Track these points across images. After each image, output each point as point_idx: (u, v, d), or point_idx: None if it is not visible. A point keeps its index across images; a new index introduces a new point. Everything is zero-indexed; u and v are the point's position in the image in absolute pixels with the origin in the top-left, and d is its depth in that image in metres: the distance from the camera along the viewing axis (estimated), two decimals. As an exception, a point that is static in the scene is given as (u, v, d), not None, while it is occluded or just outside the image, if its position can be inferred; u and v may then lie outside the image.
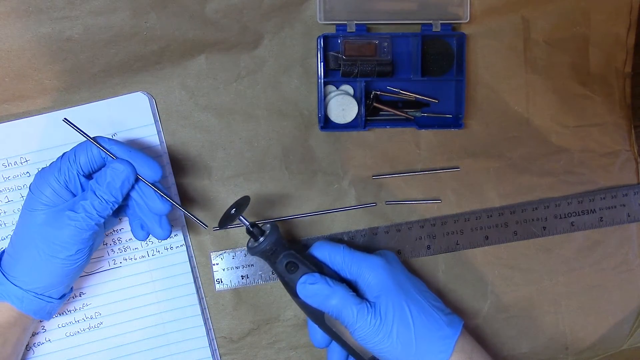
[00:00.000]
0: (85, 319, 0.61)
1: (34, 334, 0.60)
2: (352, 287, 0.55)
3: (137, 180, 0.52)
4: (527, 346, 0.67)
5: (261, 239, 0.55)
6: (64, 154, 0.52)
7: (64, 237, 0.50)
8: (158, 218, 0.53)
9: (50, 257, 0.50)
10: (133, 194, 0.53)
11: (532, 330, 0.67)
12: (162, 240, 0.58)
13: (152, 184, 0.52)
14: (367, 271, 0.55)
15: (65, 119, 0.52)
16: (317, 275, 0.54)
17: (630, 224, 0.67)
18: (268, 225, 0.56)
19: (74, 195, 0.51)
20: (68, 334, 0.61)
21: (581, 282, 0.67)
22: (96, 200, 0.50)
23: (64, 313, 0.61)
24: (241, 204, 0.55)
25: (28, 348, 0.60)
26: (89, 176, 0.52)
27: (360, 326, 0.53)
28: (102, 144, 0.51)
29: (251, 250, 0.56)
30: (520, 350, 0.67)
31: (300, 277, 0.54)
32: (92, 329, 0.61)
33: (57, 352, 0.61)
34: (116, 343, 0.61)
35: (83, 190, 0.52)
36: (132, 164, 0.51)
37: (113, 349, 0.61)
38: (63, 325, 0.61)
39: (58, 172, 0.51)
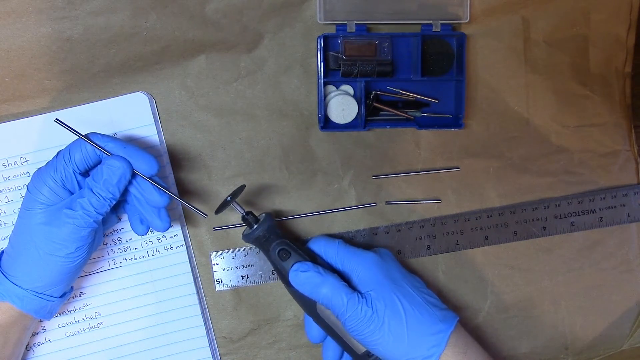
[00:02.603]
0: (85, 319, 0.61)
1: (34, 334, 0.60)
2: (345, 280, 0.56)
3: (134, 175, 0.52)
4: (527, 346, 0.67)
5: (255, 226, 0.56)
6: (59, 152, 0.52)
7: (63, 235, 0.50)
8: (157, 211, 0.54)
9: (49, 256, 0.50)
10: (131, 189, 0.53)
11: (532, 330, 0.67)
12: (162, 232, 0.58)
13: (150, 178, 0.52)
14: (360, 265, 0.56)
15: (56, 119, 0.52)
16: (309, 263, 0.55)
17: (630, 224, 0.67)
18: (263, 214, 0.57)
19: (72, 194, 0.51)
20: (68, 334, 0.61)
21: (581, 282, 0.67)
22: (93, 197, 0.50)
23: (64, 313, 0.61)
24: (236, 192, 0.56)
25: (28, 348, 0.60)
26: (85, 173, 0.52)
27: (351, 316, 0.53)
28: (97, 141, 0.51)
29: (246, 238, 0.57)
30: (520, 350, 0.67)
31: (293, 265, 0.55)
32: (92, 329, 0.61)
33: (57, 352, 0.61)
34: (116, 343, 0.61)
35: (80, 188, 0.52)
36: (127, 160, 0.51)
37: (113, 349, 0.61)
38: (63, 325, 0.61)
39: (54, 171, 0.51)
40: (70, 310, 0.61)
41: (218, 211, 0.55)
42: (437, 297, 0.57)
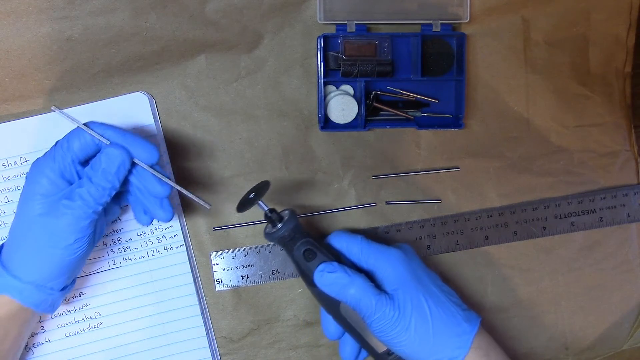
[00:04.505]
0: (85, 319, 0.61)
1: (33, 334, 0.60)
2: (369, 278, 0.54)
3: (134, 164, 0.51)
4: (527, 346, 0.67)
5: (279, 225, 0.54)
6: (57, 142, 0.51)
7: (62, 227, 0.49)
8: (159, 201, 0.52)
9: (49, 248, 0.49)
10: (132, 179, 0.52)
11: (532, 330, 0.67)
12: (165, 222, 0.56)
13: (150, 167, 0.51)
14: (385, 263, 0.55)
15: (54, 106, 0.51)
16: (335, 264, 0.54)
17: (630, 224, 0.67)
18: (286, 212, 0.56)
19: (71, 184, 0.50)
20: (68, 334, 0.61)
21: (581, 282, 0.67)
22: (92, 187, 0.49)
23: (64, 313, 0.60)
24: (260, 188, 0.54)
25: (27, 349, 0.60)
26: (85, 163, 0.51)
27: (378, 317, 0.52)
28: (95, 129, 0.50)
29: (269, 236, 0.55)
30: (520, 350, 0.67)
31: (318, 265, 0.54)
32: (92, 329, 0.61)
33: (56, 352, 0.61)
34: (116, 343, 0.61)
35: (80, 178, 0.51)
36: (126, 148, 0.50)
37: (113, 349, 0.61)
38: (63, 325, 0.61)
39: (53, 161, 0.50)
40: (70, 310, 0.61)
41: (240, 209, 0.53)
42: (456, 294, 0.56)
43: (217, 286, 0.63)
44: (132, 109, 0.59)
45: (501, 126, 0.65)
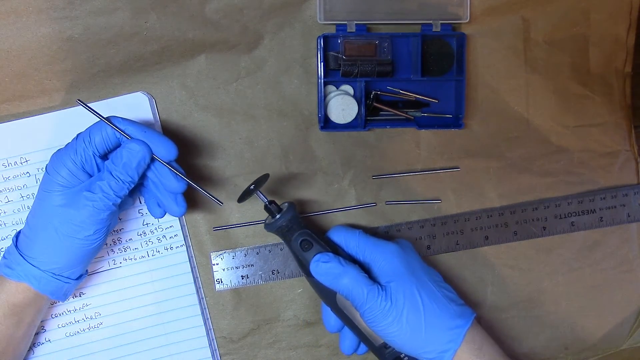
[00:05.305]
0: (85, 319, 0.61)
1: (34, 334, 0.60)
2: (366, 270, 0.56)
3: (152, 159, 0.52)
4: (527, 346, 0.67)
5: (277, 215, 0.56)
6: (78, 135, 0.52)
7: (82, 218, 0.50)
8: (174, 196, 0.54)
9: (68, 238, 0.51)
10: (149, 173, 0.53)
11: (532, 330, 0.67)
12: (178, 217, 0.59)
13: (168, 163, 0.52)
14: (381, 256, 0.56)
15: (78, 100, 0.52)
16: (330, 254, 0.55)
17: (630, 224, 0.67)
18: (285, 204, 0.57)
19: (90, 176, 0.52)
20: (68, 334, 0.61)
21: (581, 282, 0.67)
22: (113, 180, 0.50)
23: (64, 313, 0.61)
24: (260, 181, 0.56)
25: (28, 348, 0.60)
26: (104, 156, 0.53)
27: (370, 307, 0.53)
28: (117, 124, 0.51)
29: (268, 227, 0.57)
30: (521, 350, 0.67)
31: (314, 255, 0.55)
32: (92, 329, 0.61)
33: (57, 352, 0.61)
34: (116, 343, 0.61)
35: (99, 170, 0.52)
36: (147, 144, 0.51)
37: (113, 349, 0.61)
38: (63, 325, 0.61)
39: (74, 153, 0.51)
40: (70, 310, 0.61)
41: (240, 200, 0.55)
42: (454, 290, 0.57)
43: (217, 286, 0.63)
44: (132, 109, 0.59)
45: (501, 126, 0.65)
